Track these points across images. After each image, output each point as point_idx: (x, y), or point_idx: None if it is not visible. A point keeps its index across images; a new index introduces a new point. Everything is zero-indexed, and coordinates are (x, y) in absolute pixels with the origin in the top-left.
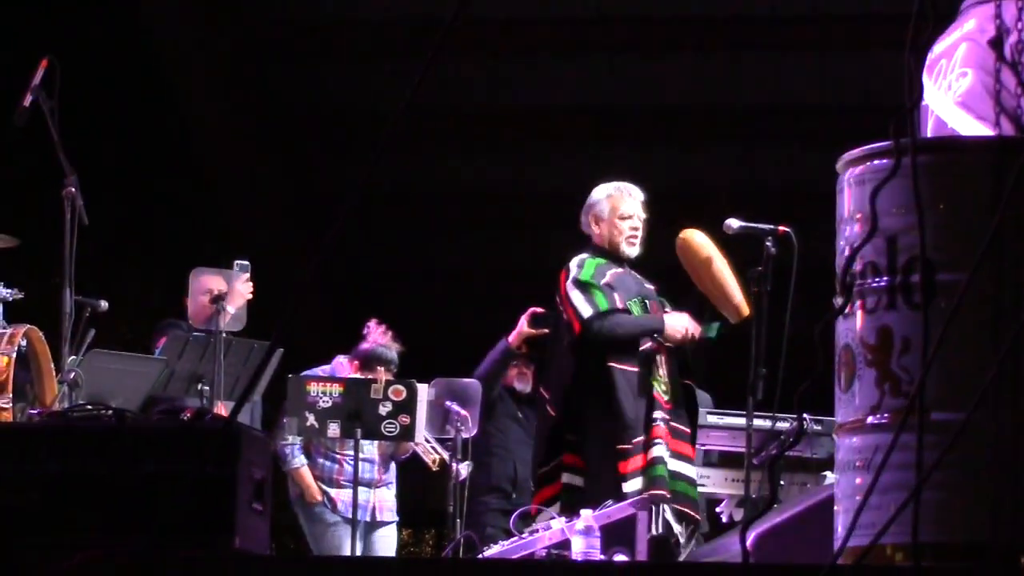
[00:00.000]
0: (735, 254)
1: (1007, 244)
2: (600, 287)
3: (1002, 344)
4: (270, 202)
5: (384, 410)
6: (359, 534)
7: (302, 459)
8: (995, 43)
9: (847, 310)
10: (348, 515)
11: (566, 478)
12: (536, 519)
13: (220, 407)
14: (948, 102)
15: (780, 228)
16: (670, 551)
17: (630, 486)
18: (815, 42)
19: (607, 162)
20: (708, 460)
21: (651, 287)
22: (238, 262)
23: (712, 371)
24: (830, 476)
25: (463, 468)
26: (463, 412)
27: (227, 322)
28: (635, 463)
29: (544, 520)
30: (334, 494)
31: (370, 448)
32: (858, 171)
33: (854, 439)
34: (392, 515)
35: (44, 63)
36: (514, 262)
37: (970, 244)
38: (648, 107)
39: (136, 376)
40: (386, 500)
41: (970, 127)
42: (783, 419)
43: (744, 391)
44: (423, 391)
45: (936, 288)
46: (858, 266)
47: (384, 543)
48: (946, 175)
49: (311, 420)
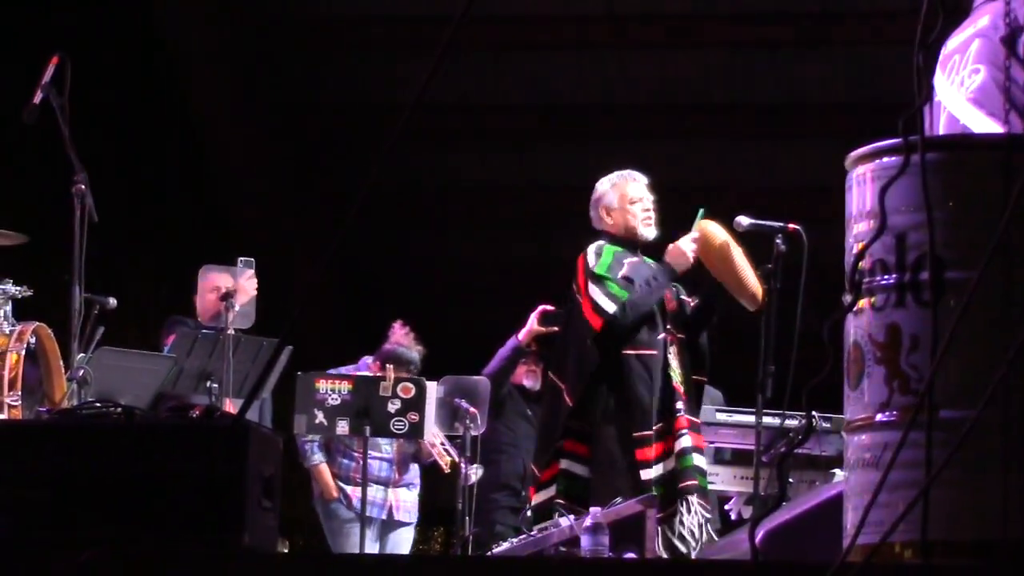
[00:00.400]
0: (745, 252)
1: (1016, 241)
2: (616, 280)
3: (1012, 341)
4: (279, 200)
5: (393, 407)
6: (375, 532)
7: (320, 456)
8: (1006, 39)
9: (856, 307)
10: (365, 512)
11: (565, 464)
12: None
13: (228, 404)
14: (960, 98)
15: (790, 225)
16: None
17: (649, 473)
18: (824, 39)
19: (617, 159)
20: (717, 457)
21: None
22: (242, 259)
23: (722, 368)
24: (839, 474)
25: (472, 471)
26: (472, 409)
27: (235, 319)
28: (654, 450)
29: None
30: (350, 491)
31: (388, 447)
32: (867, 168)
33: (863, 437)
34: (410, 516)
35: (54, 60)
36: (523, 259)
37: (980, 242)
38: (657, 104)
39: (145, 373)
40: (405, 500)
41: (982, 124)
42: (792, 416)
43: (753, 388)
44: (432, 388)
45: (945, 286)
46: (867, 263)
47: (399, 543)
48: (955, 173)
49: (320, 417)
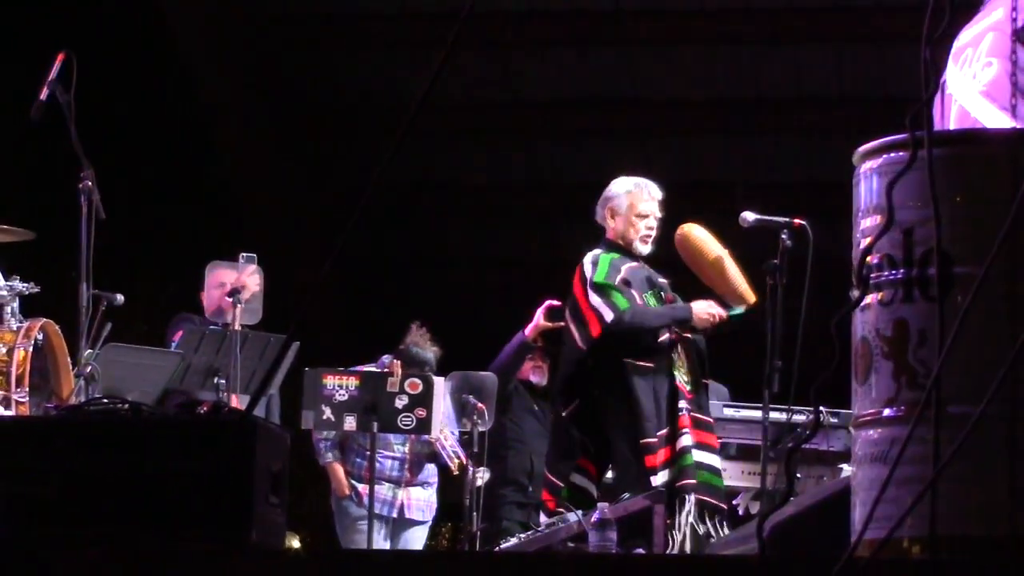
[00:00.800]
0: (750, 247)
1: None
2: (616, 286)
3: (1019, 336)
4: (287, 196)
5: (400, 403)
6: (386, 531)
7: (334, 454)
8: (1017, 33)
9: (863, 302)
10: (375, 510)
11: (575, 478)
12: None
13: (235, 400)
14: (972, 91)
15: (795, 221)
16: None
17: (659, 479)
18: (831, 34)
19: (624, 155)
20: (725, 453)
21: (664, 281)
22: (244, 254)
23: (728, 364)
24: (846, 469)
25: (480, 475)
26: (480, 405)
27: (242, 316)
28: (662, 456)
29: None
30: (362, 489)
31: (400, 447)
32: (874, 163)
33: (871, 432)
34: (423, 515)
35: (60, 57)
36: (530, 255)
37: (987, 237)
38: (664, 100)
39: (152, 370)
40: (418, 499)
41: (993, 116)
42: (799, 412)
43: (760, 384)
44: (439, 384)
45: (953, 281)
46: (874, 259)
47: (411, 542)
48: (963, 167)
49: (327, 413)
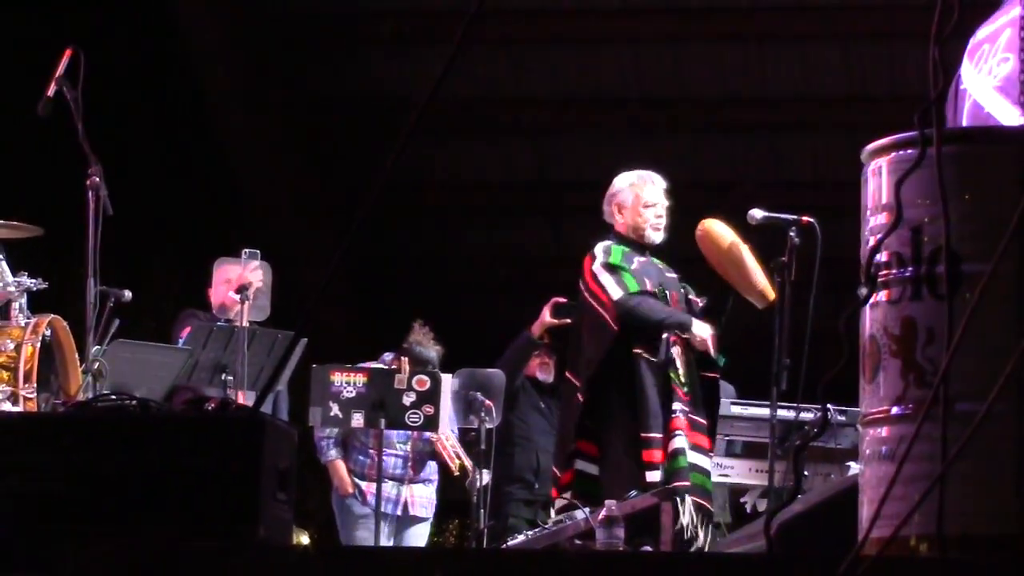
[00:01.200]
0: (758, 244)
1: None
2: (630, 270)
3: None
4: (295, 192)
5: (408, 400)
6: (390, 528)
7: (336, 452)
8: None
9: (871, 300)
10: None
11: (579, 465)
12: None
13: (242, 397)
14: (987, 87)
15: (804, 218)
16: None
17: (654, 475)
18: (841, 31)
19: (631, 152)
20: (732, 450)
21: (673, 275)
22: (246, 250)
23: (736, 361)
24: (854, 466)
25: (480, 477)
26: (488, 402)
27: (250, 312)
28: (658, 453)
29: (568, 511)
30: (365, 487)
31: (402, 445)
32: (883, 161)
33: (879, 430)
34: (426, 512)
35: (68, 53)
36: (538, 251)
37: (996, 235)
38: (672, 97)
39: (160, 366)
40: (421, 496)
41: (1007, 112)
42: (807, 409)
43: (768, 381)
44: (447, 381)
45: (961, 279)
46: (883, 256)
47: (415, 539)
48: (971, 165)
49: (335, 410)
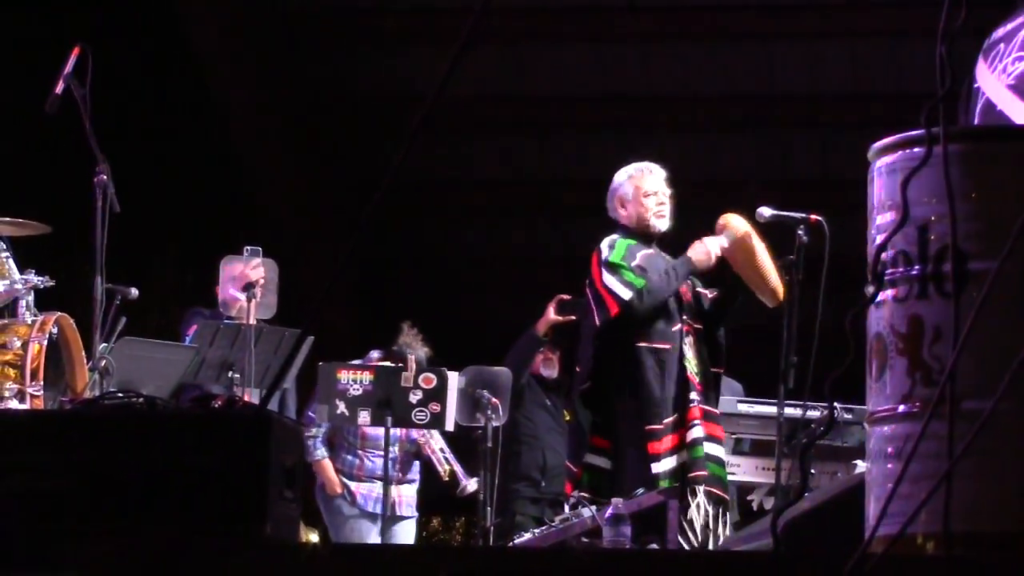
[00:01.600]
0: (767, 242)
1: None
2: (631, 268)
3: None
4: (302, 190)
5: (415, 398)
6: (378, 527)
7: (324, 451)
8: None
9: (878, 299)
10: (367, 508)
11: (589, 458)
12: (567, 504)
13: (248, 395)
14: (1001, 85)
15: (812, 216)
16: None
17: (660, 467)
18: (848, 29)
19: (638, 150)
20: (739, 448)
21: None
22: (248, 247)
23: (743, 359)
24: (861, 465)
25: (471, 484)
26: (494, 400)
27: (257, 310)
28: (665, 444)
29: (575, 508)
30: (354, 487)
31: (389, 446)
32: (890, 159)
33: (885, 428)
34: (412, 510)
35: (75, 50)
36: (542, 250)
37: (1002, 233)
38: (680, 95)
39: (167, 364)
40: (407, 496)
41: (1020, 110)
42: (814, 408)
43: (775, 379)
44: (454, 379)
45: (968, 277)
46: (889, 255)
47: (403, 536)
48: (978, 164)
49: (342, 408)
